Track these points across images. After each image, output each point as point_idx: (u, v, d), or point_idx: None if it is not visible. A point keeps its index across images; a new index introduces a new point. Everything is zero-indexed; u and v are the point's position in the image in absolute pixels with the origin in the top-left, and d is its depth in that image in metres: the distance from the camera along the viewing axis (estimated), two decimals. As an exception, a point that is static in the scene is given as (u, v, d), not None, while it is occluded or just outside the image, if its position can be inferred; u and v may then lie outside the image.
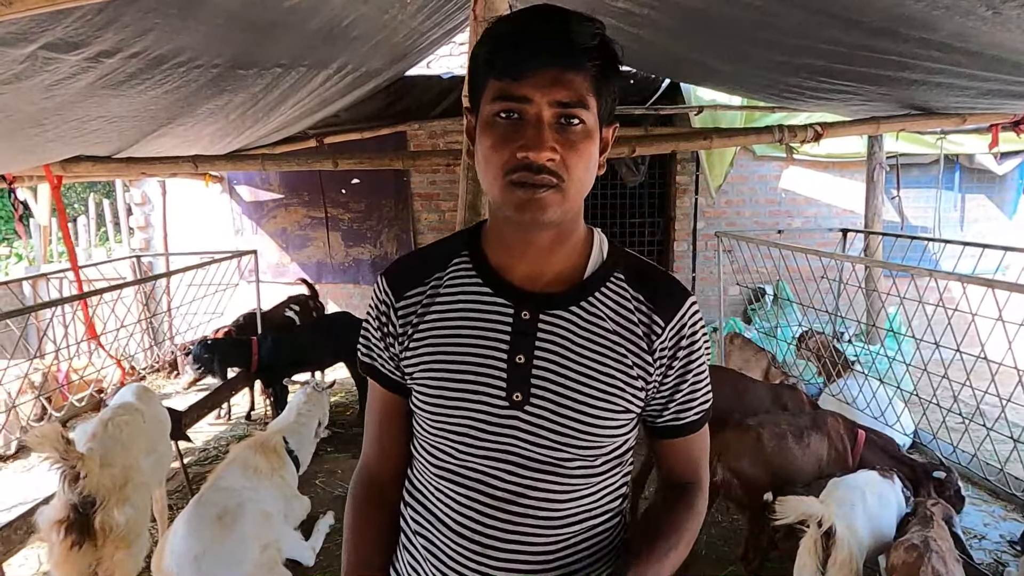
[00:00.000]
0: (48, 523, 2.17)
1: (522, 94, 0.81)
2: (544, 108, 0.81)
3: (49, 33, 1.56)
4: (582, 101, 0.82)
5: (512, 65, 0.81)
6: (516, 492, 0.91)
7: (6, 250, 8.92)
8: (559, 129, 0.82)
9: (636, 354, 0.91)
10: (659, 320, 0.91)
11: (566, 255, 0.93)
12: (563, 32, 0.81)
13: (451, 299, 0.94)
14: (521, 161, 0.81)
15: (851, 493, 2.30)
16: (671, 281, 0.96)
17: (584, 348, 0.89)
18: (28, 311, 2.57)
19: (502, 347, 0.90)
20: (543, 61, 0.80)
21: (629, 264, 0.96)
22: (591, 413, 0.89)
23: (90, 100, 2.17)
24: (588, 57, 0.82)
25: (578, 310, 0.91)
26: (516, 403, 0.89)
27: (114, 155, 3.27)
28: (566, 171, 0.83)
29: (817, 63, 2.91)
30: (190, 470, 4.02)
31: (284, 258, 6.42)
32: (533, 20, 0.83)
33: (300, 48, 2.93)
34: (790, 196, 6.27)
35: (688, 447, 1.00)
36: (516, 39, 0.82)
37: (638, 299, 0.92)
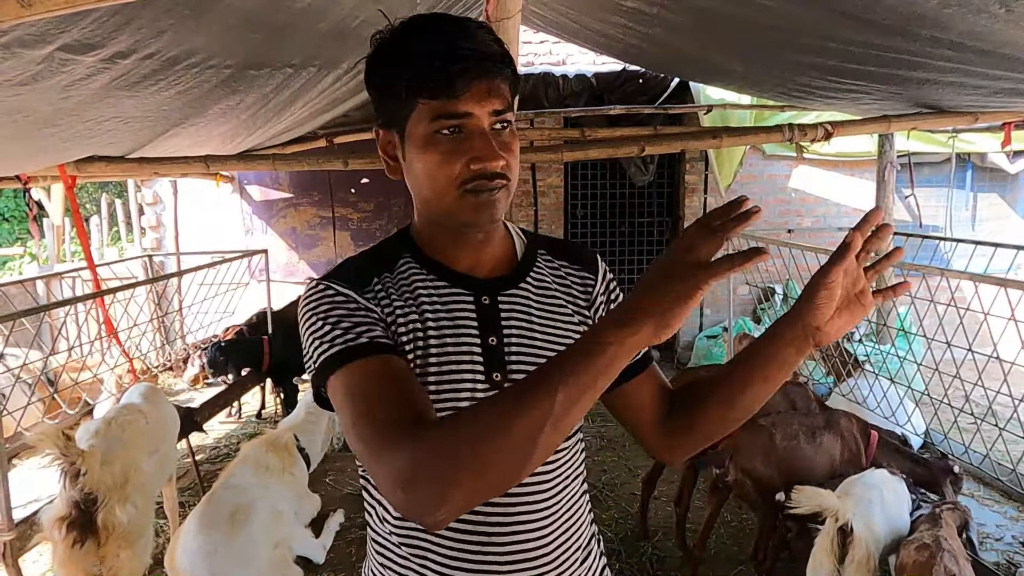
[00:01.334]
0: (51, 520, 2.19)
1: (463, 110, 0.85)
2: (486, 119, 0.87)
3: (66, 35, 1.58)
4: (509, 105, 0.89)
5: (446, 85, 0.84)
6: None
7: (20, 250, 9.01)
8: (496, 134, 0.88)
9: (579, 312, 1.01)
10: (589, 275, 1.05)
11: (497, 245, 1.00)
12: (480, 44, 0.86)
13: (409, 294, 0.94)
14: (475, 172, 0.86)
15: (868, 491, 2.29)
16: (583, 246, 1.11)
17: (543, 319, 0.98)
18: (43, 309, 2.60)
19: (472, 331, 0.94)
20: (475, 76, 0.84)
21: (542, 241, 1.08)
22: None
23: (105, 101, 2.19)
24: (504, 63, 0.87)
25: (526, 286, 0.99)
26: (496, 383, 0.93)
27: (127, 155, 3.30)
28: (508, 169, 0.90)
29: (828, 62, 2.90)
30: (202, 468, 4.06)
31: (293, 257, 6.45)
32: (446, 36, 0.85)
33: (311, 48, 2.95)
34: (800, 195, 6.25)
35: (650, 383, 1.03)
36: (439, 59, 0.84)
37: (565, 266, 1.05)
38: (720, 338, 5.80)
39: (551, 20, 4.54)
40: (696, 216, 6.25)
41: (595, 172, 6.30)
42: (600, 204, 6.41)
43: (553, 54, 6.29)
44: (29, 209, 3.30)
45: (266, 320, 5.03)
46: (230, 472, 2.80)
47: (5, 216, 12.09)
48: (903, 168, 5.34)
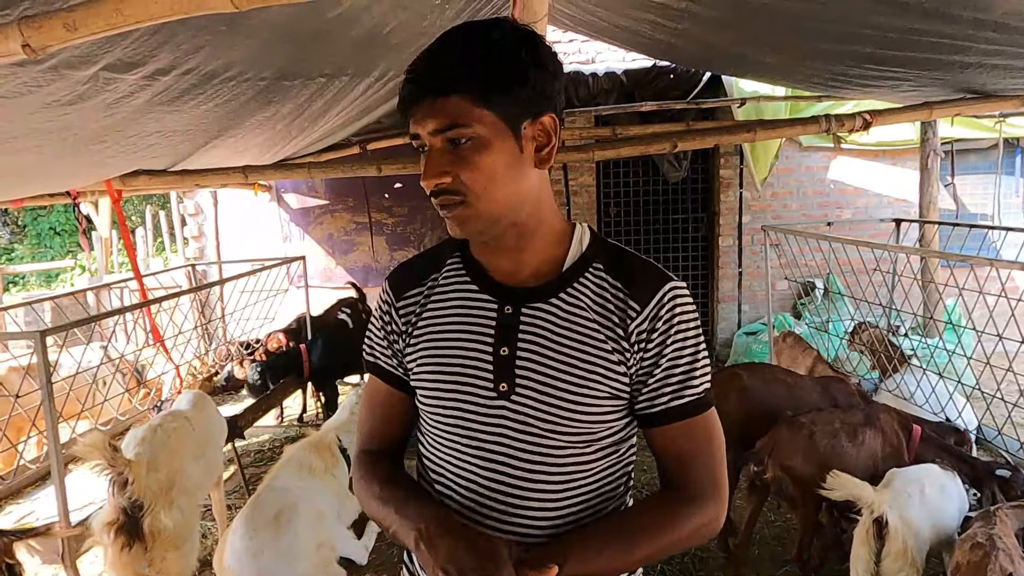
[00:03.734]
0: (100, 525, 2.28)
1: (413, 132, 0.91)
2: (429, 139, 0.89)
3: (110, 55, 1.64)
4: (459, 121, 0.87)
5: (402, 109, 0.91)
6: (511, 484, 0.94)
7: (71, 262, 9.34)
8: (452, 150, 0.88)
9: (614, 340, 0.93)
10: (635, 305, 0.94)
11: (540, 250, 0.98)
12: (432, 65, 0.88)
13: (444, 297, 1.01)
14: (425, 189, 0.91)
15: (908, 485, 2.24)
16: (650, 267, 0.97)
17: (564, 337, 0.93)
18: (94, 320, 2.70)
19: (488, 340, 0.95)
20: (415, 99, 0.88)
21: (609, 254, 0.99)
22: (574, 400, 0.92)
23: (147, 116, 2.26)
24: (458, 78, 0.86)
25: (558, 301, 0.95)
26: (503, 393, 0.94)
27: (169, 168, 3.40)
28: (464, 186, 0.89)
29: (864, 49, 2.83)
30: (246, 471, 4.15)
31: (331, 263, 6.56)
32: (418, 58, 0.90)
33: (343, 58, 3.00)
34: (839, 187, 6.10)
35: (669, 440, 0.95)
36: (404, 85, 0.90)
37: (616, 286, 0.95)
38: (760, 335, 5.69)
39: (579, 19, 4.53)
40: (732, 211, 6.16)
41: (628, 169, 6.25)
42: (633, 201, 6.36)
43: (582, 52, 6.27)
44: (78, 223, 3.43)
45: (305, 326, 5.12)
46: (274, 474, 2.86)
47: (56, 230, 12.58)
48: (946, 156, 5.16)
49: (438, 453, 1.00)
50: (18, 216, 12.38)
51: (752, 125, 3.19)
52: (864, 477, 2.31)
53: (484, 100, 0.86)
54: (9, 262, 11.15)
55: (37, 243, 12.55)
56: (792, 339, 4.13)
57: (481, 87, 0.86)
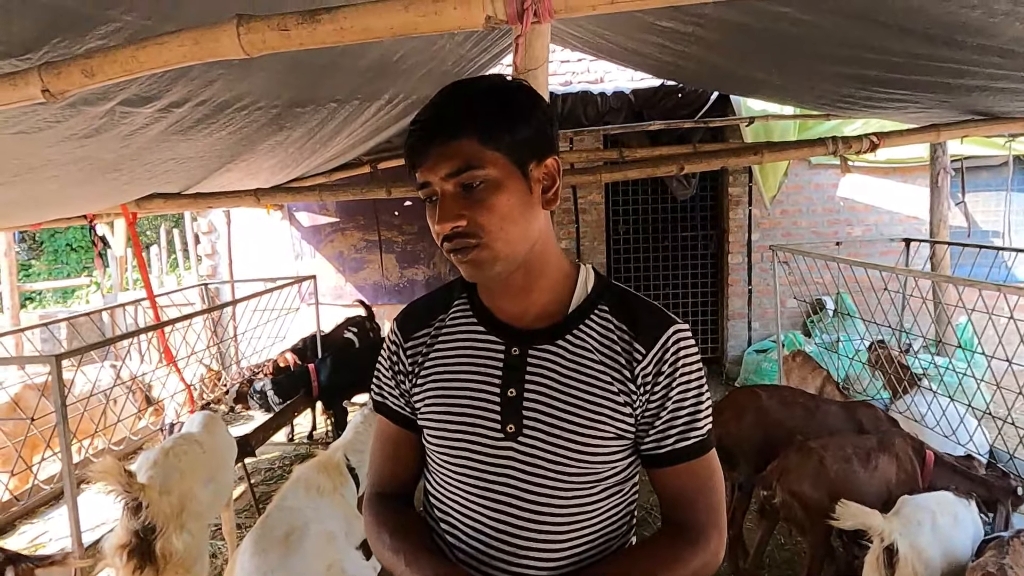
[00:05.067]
0: (112, 548, 2.30)
1: (423, 180, 0.92)
2: (441, 184, 0.90)
3: (126, 91, 1.69)
4: (470, 163, 0.88)
5: (411, 158, 0.92)
6: (517, 524, 0.96)
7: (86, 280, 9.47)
8: (465, 194, 0.90)
9: (620, 381, 0.94)
10: (640, 347, 0.95)
11: (546, 291, 0.99)
12: (439, 112, 0.90)
13: (451, 338, 1.02)
14: (439, 235, 0.92)
15: (919, 512, 2.21)
16: (655, 310, 0.99)
17: (571, 379, 0.95)
18: (110, 342, 2.75)
19: (495, 382, 0.97)
20: (423, 147, 0.90)
21: (614, 296, 1.00)
22: (581, 441, 0.94)
23: (162, 145, 2.31)
24: (466, 122, 0.88)
25: (564, 343, 0.97)
26: (510, 434, 0.95)
27: (183, 191, 3.46)
28: (480, 228, 0.90)
29: (870, 73, 2.85)
30: (256, 488, 4.18)
31: (340, 280, 6.61)
32: (422, 110, 0.93)
33: (353, 84, 3.05)
34: (849, 204, 6.09)
35: (674, 481, 0.97)
36: (409, 134, 0.92)
37: (621, 328, 0.97)
38: (770, 353, 5.67)
39: (587, 40, 4.58)
40: (741, 228, 6.15)
41: (636, 187, 6.27)
42: (642, 219, 6.37)
43: (591, 72, 6.31)
44: (94, 245, 3.49)
45: (313, 344, 5.15)
46: (283, 494, 2.87)
47: (73, 247, 12.75)
48: (956, 173, 5.15)
49: (444, 492, 1.02)
50: (35, 232, 12.57)
51: (759, 147, 3.20)
52: (876, 503, 2.30)
53: (493, 141, 0.89)
54: (26, 278, 11.31)
55: (54, 259, 12.72)
56: (801, 358, 4.11)
57: (488, 128, 0.89)
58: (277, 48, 1.10)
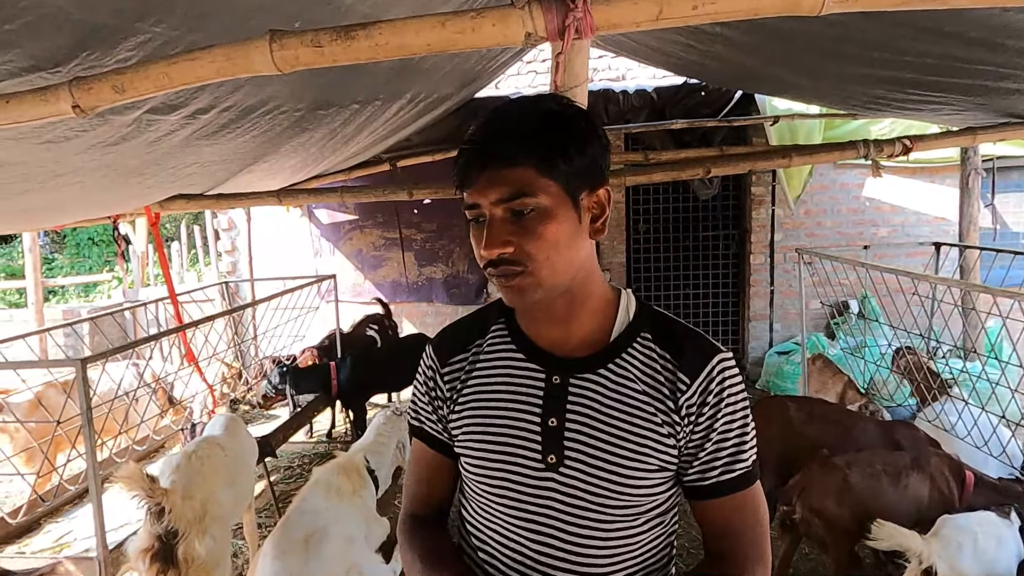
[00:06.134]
0: (136, 552, 2.31)
1: (472, 202, 0.91)
2: (490, 208, 0.89)
3: (153, 100, 1.67)
4: (524, 191, 0.87)
5: (461, 179, 0.91)
6: (558, 556, 0.94)
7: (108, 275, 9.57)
8: (514, 219, 0.88)
9: (664, 412, 0.92)
10: (684, 378, 0.93)
11: (588, 319, 0.97)
12: (495, 135, 0.88)
13: (489, 365, 1.01)
14: (485, 259, 0.90)
15: (960, 533, 2.15)
16: (699, 339, 0.97)
17: (613, 409, 0.93)
18: (132, 346, 2.76)
19: (535, 411, 0.95)
20: (478, 169, 0.89)
21: (656, 324, 0.98)
22: (624, 472, 0.91)
23: (186, 150, 2.30)
24: (523, 149, 0.86)
25: (606, 372, 0.95)
26: (551, 465, 0.93)
27: (206, 192, 3.46)
28: (527, 256, 0.88)
29: (904, 75, 2.77)
30: (276, 487, 4.19)
31: (360, 278, 6.61)
32: (477, 129, 0.90)
33: (376, 85, 3.03)
34: (875, 204, 5.98)
35: (718, 513, 0.95)
36: (461, 152, 0.90)
37: (664, 357, 0.95)
38: (792, 355, 5.59)
39: (609, 38, 4.52)
40: (764, 228, 6.07)
41: (657, 187, 6.20)
42: (663, 219, 6.31)
43: (612, 69, 6.25)
44: (117, 244, 3.51)
45: (337, 341, 5.16)
46: (303, 496, 2.87)
47: (95, 240, 12.90)
48: (988, 174, 5.03)
49: (483, 521, 1.00)
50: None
51: (787, 151, 3.13)
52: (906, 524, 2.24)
53: (548, 170, 0.87)
54: (49, 272, 11.46)
55: (76, 253, 12.88)
56: (822, 362, 4.04)
57: (546, 157, 0.87)
58: (310, 64, 1.07)
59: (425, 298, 6.53)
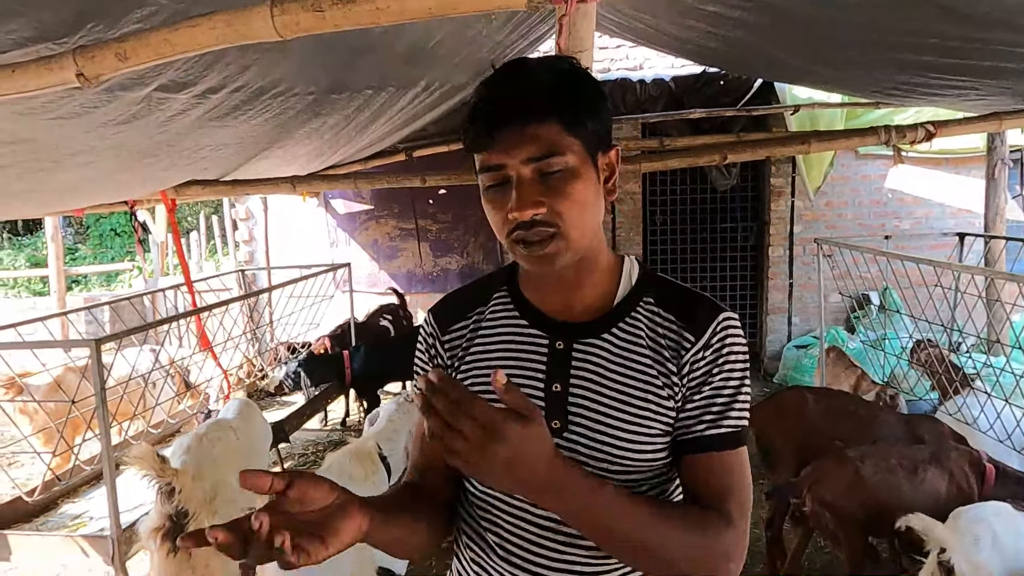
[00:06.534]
0: (147, 531, 2.33)
1: (495, 162, 0.86)
2: (518, 168, 0.85)
3: (162, 76, 1.67)
4: (553, 149, 0.84)
5: (480, 138, 0.86)
6: (561, 520, 0.90)
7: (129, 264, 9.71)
8: (542, 180, 0.85)
9: (665, 374, 0.91)
10: (689, 336, 0.91)
11: (594, 285, 0.96)
12: (518, 91, 0.85)
13: (492, 332, 0.99)
14: (513, 222, 0.86)
15: (975, 525, 2.10)
16: (703, 300, 0.95)
17: (617, 374, 0.91)
18: (149, 327, 2.78)
19: (539, 376, 0.93)
20: (503, 125, 0.84)
21: (660, 288, 0.97)
22: (626, 437, 0.89)
23: (199, 132, 2.31)
24: (550, 105, 0.84)
25: (610, 337, 0.93)
26: (555, 430, 0.90)
27: (221, 178, 3.48)
28: (559, 216, 0.85)
29: (925, 59, 2.70)
30: (290, 475, 4.22)
31: (375, 268, 6.63)
32: (492, 86, 0.87)
33: (389, 70, 3.02)
34: (898, 196, 5.87)
35: (703, 472, 0.89)
36: (478, 111, 0.87)
37: (669, 319, 0.93)
38: (811, 348, 5.52)
39: (626, 25, 4.47)
40: (783, 220, 5.98)
41: (675, 177, 6.14)
42: (680, 210, 6.25)
43: (630, 59, 6.19)
44: (135, 231, 3.54)
45: (350, 331, 5.18)
46: (315, 482, 2.88)
47: (117, 231, 13.10)
48: (1015, 164, 4.91)
49: (486, 488, 0.98)
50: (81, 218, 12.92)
51: (806, 136, 3.07)
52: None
53: (574, 127, 0.85)
54: (72, 262, 11.65)
55: (99, 243, 13.09)
56: (835, 354, 3.97)
57: (572, 113, 0.85)
58: (311, 30, 1.06)
59: (440, 288, 6.53)
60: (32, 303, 7.96)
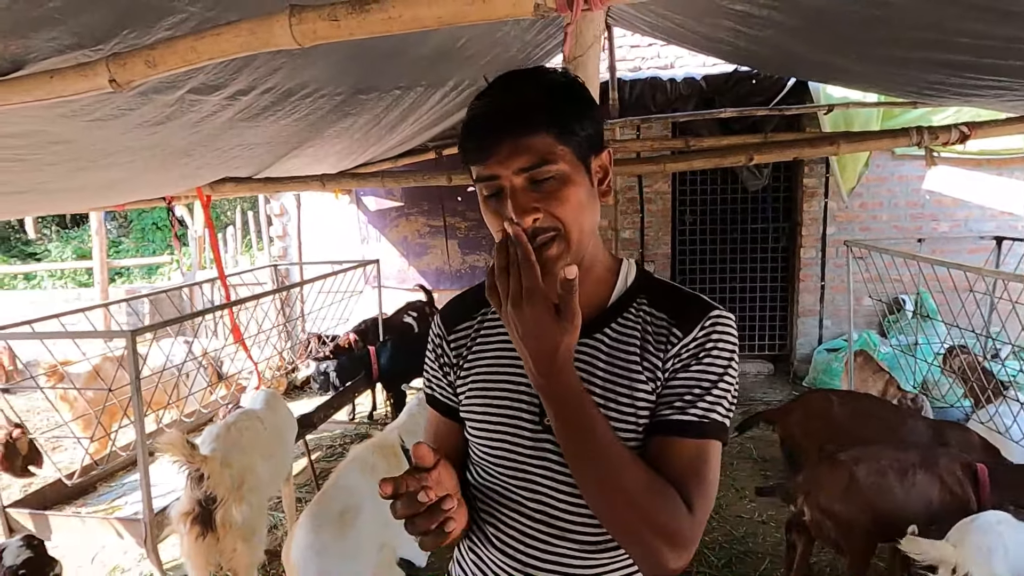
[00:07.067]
0: (177, 515, 2.42)
1: (490, 173, 0.89)
2: (511, 178, 0.88)
3: (193, 79, 1.74)
4: (546, 158, 0.87)
5: (475, 151, 0.90)
6: (553, 514, 0.95)
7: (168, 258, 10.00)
8: (535, 187, 0.88)
9: (651, 369, 0.93)
10: (678, 332, 0.94)
11: (590, 285, 0.98)
12: (510, 104, 0.88)
13: (493, 332, 1.04)
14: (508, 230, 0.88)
15: (986, 536, 2.06)
16: (697, 299, 0.97)
17: (607, 372, 0.94)
18: (180, 320, 2.88)
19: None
20: (496, 139, 0.88)
21: (654, 289, 1.00)
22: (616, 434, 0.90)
23: (230, 132, 2.39)
24: (541, 117, 0.87)
25: (602, 336, 0.96)
26: (547, 427, 0.93)
27: (254, 176, 3.57)
28: (557, 220, 0.88)
29: (961, 58, 2.64)
30: (317, 465, 4.32)
31: (404, 265, 6.72)
32: (485, 100, 0.90)
33: (417, 71, 3.07)
34: (935, 198, 5.72)
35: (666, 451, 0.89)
36: (472, 125, 0.90)
37: (660, 317, 0.96)
38: (842, 352, 5.42)
39: (656, 24, 4.44)
40: (816, 221, 5.88)
41: (704, 177, 6.09)
42: (710, 210, 6.19)
43: (661, 57, 6.15)
44: (171, 226, 3.66)
45: (374, 326, 5.26)
46: (339, 473, 2.95)
47: (159, 225, 13.47)
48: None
49: (484, 481, 1.02)
50: (125, 212, 13.34)
51: (835, 137, 3.02)
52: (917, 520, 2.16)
53: (565, 136, 0.89)
54: (116, 254, 12.04)
55: (141, 237, 13.49)
56: (862, 358, 3.90)
57: (562, 123, 0.89)
58: (328, 38, 1.10)
59: (468, 286, 6.53)
60: (77, 294, 8.26)
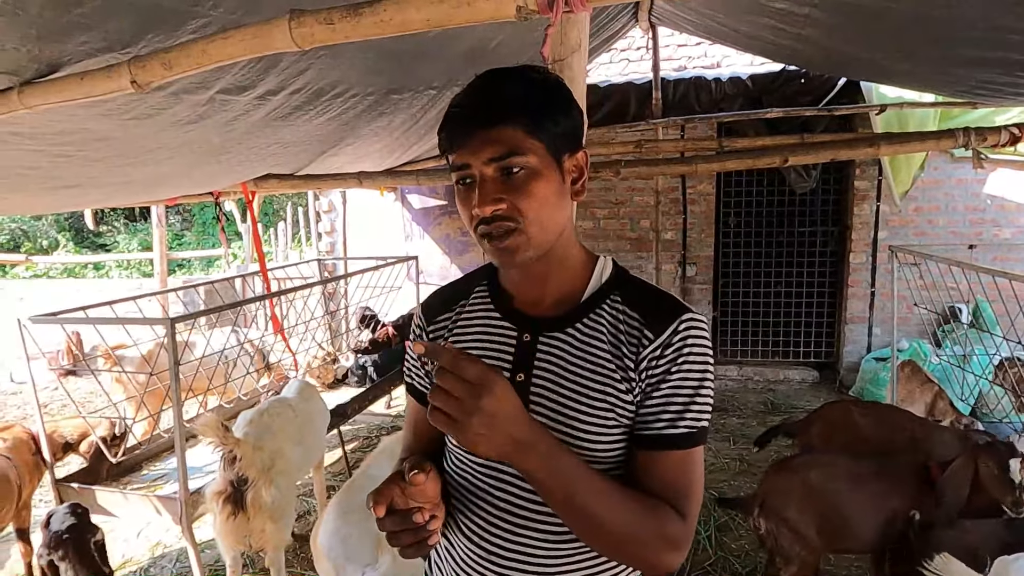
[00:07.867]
0: (211, 494, 2.54)
1: (462, 162, 0.93)
2: (481, 168, 0.92)
3: (222, 80, 1.83)
4: (515, 150, 0.90)
5: (450, 140, 0.94)
6: (519, 504, 0.97)
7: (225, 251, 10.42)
8: (504, 179, 0.91)
9: (623, 369, 0.94)
10: (649, 334, 0.94)
11: (564, 281, 1.01)
12: (484, 98, 0.91)
13: (469, 323, 1.06)
14: (478, 217, 0.93)
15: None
16: (669, 300, 0.98)
17: (578, 366, 0.95)
18: (218, 310, 3.02)
19: (506, 366, 0.99)
20: (469, 129, 0.92)
21: (628, 286, 1.01)
22: (584, 428, 0.93)
23: (264, 130, 2.48)
24: (512, 110, 0.90)
25: (573, 331, 0.98)
26: None
27: (296, 172, 3.70)
28: (519, 212, 0.92)
29: (1014, 56, 2.52)
30: (352, 455, 4.44)
31: (446, 262, 6.82)
32: (464, 94, 0.93)
33: (450, 71, 3.11)
34: (998, 202, 5.45)
35: (657, 469, 0.91)
36: (449, 116, 0.93)
37: (632, 316, 0.97)
38: (890, 361, 5.23)
39: (699, 24, 4.38)
40: (867, 226, 5.68)
41: (751, 178, 5.95)
42: (756, 212, 6.05)
43: (708, 56, 6.05)
44: (218, 220, 3.82)
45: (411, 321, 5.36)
46: (369, 462, 3.03)
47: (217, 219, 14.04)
48: None
49: (456, 470, 1.05)
50: (190, 206, 13.92)
51: (875, 139, 2.93)
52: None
53: (536, 130, 0.92)
54: (178, 247, 12.60)
55: (202, 231, 14.08)
56: (910, 369, 3.75)
57: (533, 118, 0.92)
58: (324, 41, 1.15)
59: (508, 284, 6.63)
60: (139, 284, 8.69)
